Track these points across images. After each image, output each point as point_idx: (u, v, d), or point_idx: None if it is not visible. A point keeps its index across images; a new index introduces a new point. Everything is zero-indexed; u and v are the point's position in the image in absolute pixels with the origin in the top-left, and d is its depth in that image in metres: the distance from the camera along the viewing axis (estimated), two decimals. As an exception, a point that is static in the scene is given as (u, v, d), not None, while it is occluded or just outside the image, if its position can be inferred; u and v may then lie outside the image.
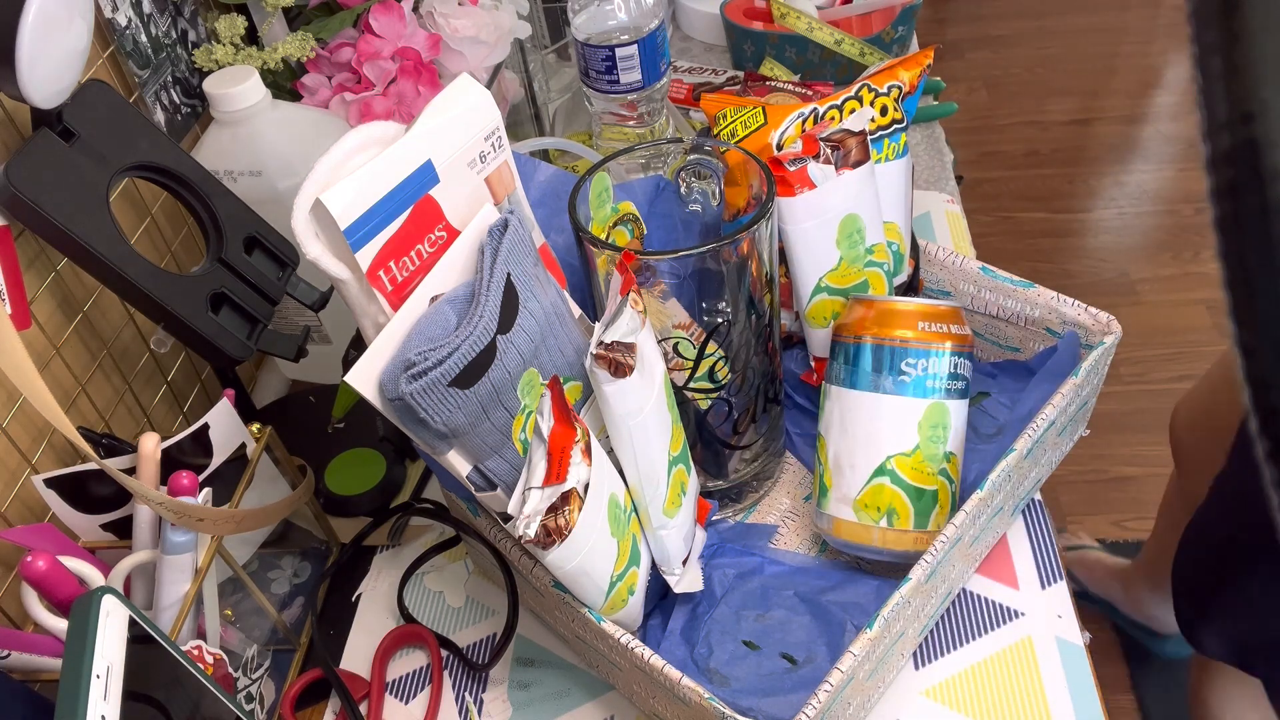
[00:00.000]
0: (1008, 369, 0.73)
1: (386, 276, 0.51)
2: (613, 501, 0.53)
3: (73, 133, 0.61)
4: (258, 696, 0.64)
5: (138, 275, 0.62)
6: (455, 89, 0.53)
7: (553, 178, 0.66)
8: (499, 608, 0.70)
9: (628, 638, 0.54)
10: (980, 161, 2.37)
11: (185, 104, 0.84)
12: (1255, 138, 0.17)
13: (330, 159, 0.50)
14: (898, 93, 0.71)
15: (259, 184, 0.74)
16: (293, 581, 0.72)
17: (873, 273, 0.69)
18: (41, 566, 0.51)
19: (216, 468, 0.63)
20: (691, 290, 0.59)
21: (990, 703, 0.61)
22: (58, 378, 0.68)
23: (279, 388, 0.91)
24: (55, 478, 0.59)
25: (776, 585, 0.65)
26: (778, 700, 0.57)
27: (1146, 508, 1.66)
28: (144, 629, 0.46)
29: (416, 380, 0.48)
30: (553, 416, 0.50)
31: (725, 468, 0.69)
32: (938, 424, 0.60)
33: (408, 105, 0.81)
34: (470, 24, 0.85)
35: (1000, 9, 2.75)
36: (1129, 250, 2.13)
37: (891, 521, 0.61)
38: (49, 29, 0.55)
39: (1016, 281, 0.70)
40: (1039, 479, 0.69)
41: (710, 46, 1.21)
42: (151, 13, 0.79)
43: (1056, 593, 0.65)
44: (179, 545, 0.56)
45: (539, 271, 0.55)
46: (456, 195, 0.54)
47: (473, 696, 0.66)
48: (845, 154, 0.64)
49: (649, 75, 0.81)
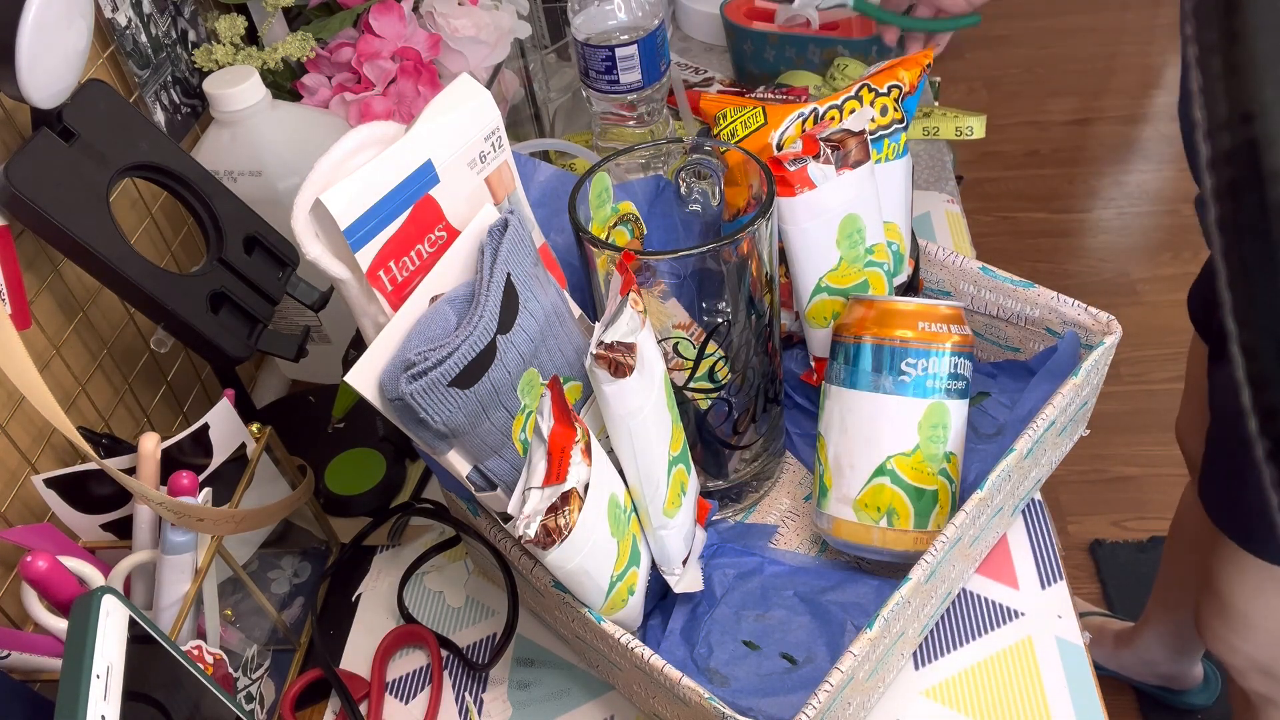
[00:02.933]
0: (1008, 369, 0.73)
1: (386, 276, 0.51)
2: (613, 501, 0.53)
3: (73, 133, 0.61)
4: (258, 696, 0.64)
5: (138, 275, 0.62)
6: (455, 89, 0.53)
7: (553, 178, 0.66)
8: (499, 608, 0.70)
9: (628, 638, 0.54)
10: (980, 161, 2.37)
11: (185, 104, 0.84)
12: (1255, 138, 0.17)
13: (330, 159, 0.50)
14: (898, 93, 0.71)
15: (259, 184, 0.74)
16: (293, 581, 0.72)
17: (873, 273, 0.69)
18: (41, 566, 0.51)
19: (216, 468, 0.63)
20: (691, 290, 0.59)
21: (990, 703, 0.61)
22: (58, 378, 0.68)
23: (279, 388, 0.91)
24: (55, 478, 0.59)
25: (776, 585, 0.65)
26: (778, 700, 0.57)
27: (1146, 508, 1.66)
28: (144, 629, 0.46)
29: (416, 380, 0.48)
30: (553, 416, 0.50)
31: (725, 468, 0.69)
32: (938, 424, 0.60)
33: (408, 105, 0.81)
34: (470, 24, 0.85)
35: (1000, 9, 2.74)
36: (1129, 250, 2.13)
37: (891, 521, 0.61)
38: (49, 29, 0.55)
39: (1016, 281, 0.70)
40: (1039, 479, 0.69)
41: (710, 46, 1.21)
42: (151, 13, 0.79)
43: (1056, 593, 0.65)
44: (179, 545, 0.56)
45: (539, 271, 0.55)
46: (456, 195, 0.54)
47: (473, 696, 0.66)
48: (845, 154, 0.64)
49: (649, 75, 0.81)
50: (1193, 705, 1.40)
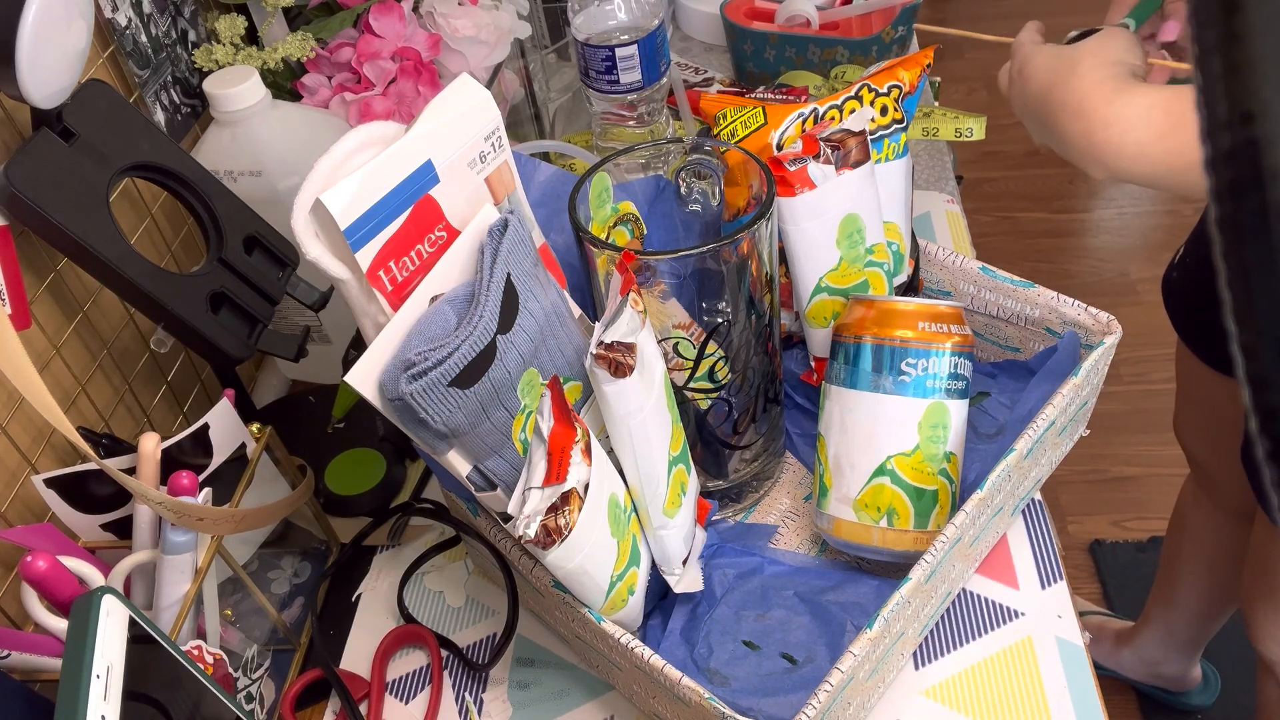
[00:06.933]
0: (1008, 369, 0.73)
1: (386, 276, 0.51)
2: (613, 501, 0.53)
3: (73, 133, 0.61)
4: (258, 696, 0.64)
5: (138, 275, 0.62)
6: (455, 89, 0.53)
7: (553, 178, 0.66)
8: (499, 608, 0.70)
9: (628, 638, 0.54)
10: (980, 161, 2.37)
11: (185, 104, 0.84)
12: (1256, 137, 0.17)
13: (330, 159, 0.50)
14: (898, 93, 0.71)
15: (259, 184, 0.74)
16: (293, 581, 0.72)
17: (873, 273, 0.68)
18: (41, 566, 0.51)
19: (216, 468, 0.63)
20: (691, 290, 0.59)
21: (990, 703, 0.60)
22: (58, 378, 0.68)
23: (279, 388, 0.91)
24: (55, 478, 0.59)
25: (776, 585, 0.65)
26: (778, 700, 0.57)
27: (1146, 508, 1.66)
28: (144, 629, 0.46)
29: (416, 380, 0.48)
30: (553, 416, 0.50)
31: (725, 468, 0.69)
32: (938, 424, 0.60)
33: (408, 105, 0.81)
34: (470, 24, 0.85)
35: (1000, 9, 2.74)
36: (1129, 250, 2.13)
37: (891, 521, 0.61)
38: (49, 29, 0.55)
39: (1016, 281, 0.70)
40: (1039, 479, 0.69)
41: (710, 46, 1.21)
42: (151, 13, 0.79)
43: (1056, 593, 0.65)
44: (179, 545, 0.56)
45: (539, 271, 0.55)
46: (456, 195, 0.54)
47: (473, 696, 0.66)
48: (845, 154, 0.64)
49: (649, 75, 0.81)
50: (1192, 706, 1.40)
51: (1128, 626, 1.41)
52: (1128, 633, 1.40)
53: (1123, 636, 1.40)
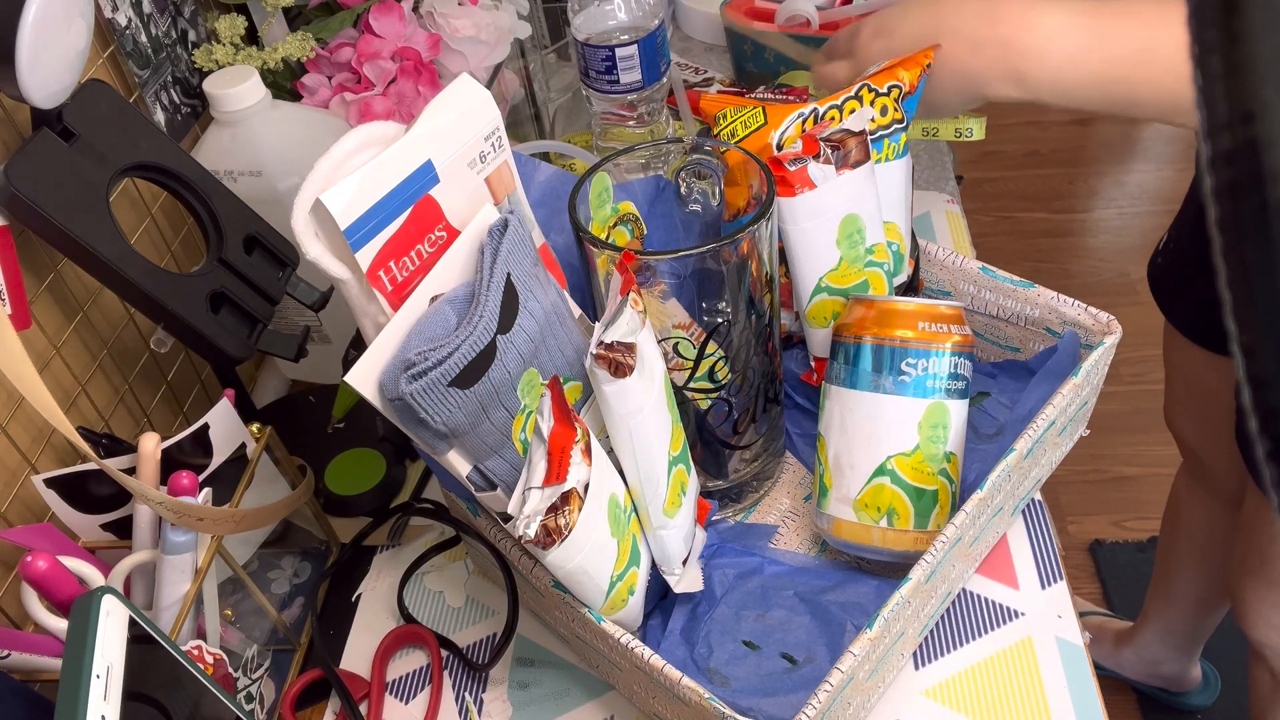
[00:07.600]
0: (1008, 369, 0.73)
1: (386, 276, 0.51)
2: (613, 501, 0.53)
3: (73, 133, 0.61)
4: (258, 696, 0.64)
5: (138, 275, 0.62)
6: (455, 89, 0.53)
7: (553, 178, 0.66)
8: (499, 608, 0.70)
9: (628, 638, 0.54)
10: (980, 161, 2.37)
11: (185, 104, 0.84)
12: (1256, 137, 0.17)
13: (330, 159, 0.50)
14: (898, 93, 0.71)
15: (259, 184, 0.74)
16: (293, 581, 0.72)
17: (873, 273, 0.68)
18: (41, 566, 0.51)
19: (216, 468, 0.63)
20: (691, 290, 0.59)
21: (990, 703, 0.60)
22: (58, 378, 0.68)
23: (279, 388, 0.91)
24: (55, 478, 0.59)
25: (776, 585, 0.65)
26: (778, 700, 0.57)
27: (1146, 508, 1.66)
28: (144, 629, 0.46)
29: (416, 380, 0.48)
30: (553, 416, 0.50)
31: (725, 468, 0.69)
32: (938, 424, 0.60)
33: (408, 105, 0.81)
34: (470, 24, 0.85)
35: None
36: (1129, 250, 2.13)
37: (891, 521, 0.61)
38: (49, 29, 0.55)
39: (1016, 281, 0.70)
40: (1039, 479, 0.69)
41: (710, 46, 1.21)
42: (151, 13, 0.79)
43: (1056, 593, 0.65)
44: (179, 545, 0.56)
45: (539, 271, 0.55)
46: (456, 195, 0.54)
47: (473, 696, 0.66)
48: (845, 154, 0.64)
49: (649, 75, 0.81)
50: (1192, 706, 1.40)
51: (1127, 626, 1.41)
52: (1127, 632, 1.40)
53: (1123, 636, 1.40)
